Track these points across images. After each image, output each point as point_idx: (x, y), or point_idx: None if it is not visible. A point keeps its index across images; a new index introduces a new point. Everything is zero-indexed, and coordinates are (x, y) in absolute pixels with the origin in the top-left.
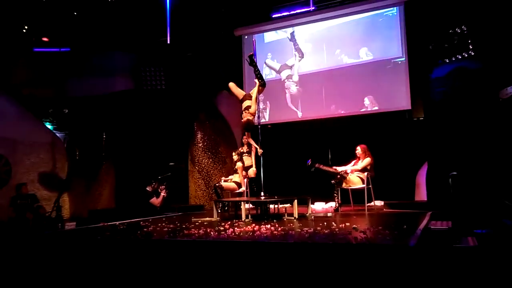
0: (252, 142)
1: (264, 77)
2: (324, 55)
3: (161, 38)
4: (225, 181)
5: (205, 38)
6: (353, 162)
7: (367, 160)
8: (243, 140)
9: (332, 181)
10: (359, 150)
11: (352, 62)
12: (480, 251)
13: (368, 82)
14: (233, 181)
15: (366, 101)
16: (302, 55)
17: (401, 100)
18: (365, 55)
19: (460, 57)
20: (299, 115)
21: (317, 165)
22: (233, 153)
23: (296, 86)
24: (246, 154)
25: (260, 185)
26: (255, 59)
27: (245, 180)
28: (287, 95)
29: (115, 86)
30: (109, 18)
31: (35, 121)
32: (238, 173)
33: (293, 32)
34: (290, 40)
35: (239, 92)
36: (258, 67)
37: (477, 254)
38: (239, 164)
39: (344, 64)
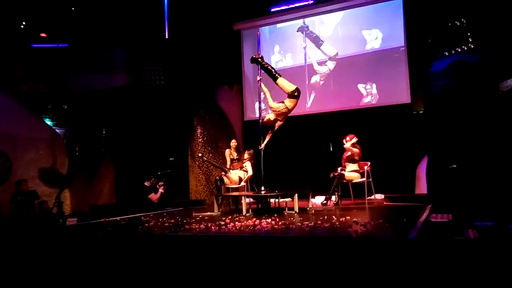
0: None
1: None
2: (329, 46)
3: (159, 33)
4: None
5: (204, 32)
6: (346, 155)
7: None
8: (232, 144)
9: (331, 175)
10: (348, 140)
11: (355, 52)
12: (481, 244)
13: (368, 75)
14: (237, 175)
15: (370, 90)
16: (312, 44)
17: (401, 94)
18: (368, 46)
19: (459, 50)
20: (307, 105)
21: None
22: (246, 153)
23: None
24: (235, 161)
25: (260, 179)
26: (259, 54)
27: (246, 176)
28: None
29: (114, 81)
30: (107, 13)
31: (35, 117)
32: (245, 168)
33: (304, 21)
34: (298, 30)
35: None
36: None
37: (477, 246)
38: (247, 154)
39: (346, 55)
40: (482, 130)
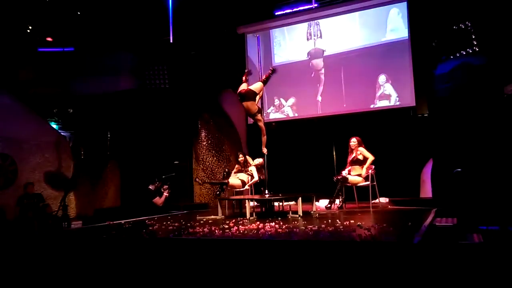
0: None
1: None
2: (335, 43)
3: (164, 37)
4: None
5: (208, 36)
6: (350, 157)
7: (363, 149)
8: (240, 159)
9: (335, 179)
10: (354, 141)
11: (360, 52)
12: (486, 248)
13: (373, 77)
14: (240, 179)
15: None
16: (318, 40)
17: (406, 97)
18: (373, 46)
19: (464, 53)
20: (318, 99)
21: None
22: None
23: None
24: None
25: (264, 183)
26: (259, 62)
27: (252, 180)
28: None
29: (119, 85)
30: (112, 18)
31: (40, 121)
32: (250, 172)
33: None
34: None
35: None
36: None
37: (482, 251)
38: (256, 161)
39: (352, 53)
40: (487, 134)
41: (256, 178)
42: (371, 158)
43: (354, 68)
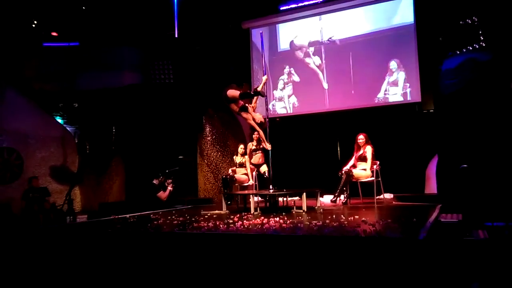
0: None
1: None
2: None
3: (169, 32)
4: (233, 171)
5: (213, 31)
6: (355, 152)
7: (370, 149)
8: (253, 136)
9: (340, 174)
10: (362, 138)
11: (367, 44)
12: (491, 244)
13: (378, 72)
14: (242, 174)
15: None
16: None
17: (412, 93)
18: (379, 41)
19: (471, 49)
20: (325, 86)
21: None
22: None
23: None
24: (257, 152)
25: (269, 178)
26: (263, 58)
27: (254, 173)
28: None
29: (124, 80)
30: (118, 13)
31: (46, 116)
32: (245, 167)
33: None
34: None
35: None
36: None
37: (487, 247)
38: (246, 158)
39: (359, 48)
40: (493, 130)
41: (248, 165)
42: (369, 163)
43: (359, 60)
